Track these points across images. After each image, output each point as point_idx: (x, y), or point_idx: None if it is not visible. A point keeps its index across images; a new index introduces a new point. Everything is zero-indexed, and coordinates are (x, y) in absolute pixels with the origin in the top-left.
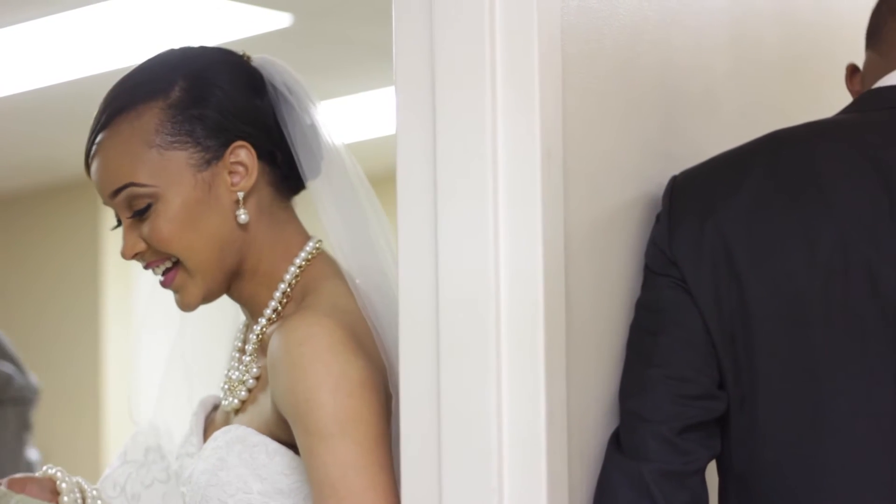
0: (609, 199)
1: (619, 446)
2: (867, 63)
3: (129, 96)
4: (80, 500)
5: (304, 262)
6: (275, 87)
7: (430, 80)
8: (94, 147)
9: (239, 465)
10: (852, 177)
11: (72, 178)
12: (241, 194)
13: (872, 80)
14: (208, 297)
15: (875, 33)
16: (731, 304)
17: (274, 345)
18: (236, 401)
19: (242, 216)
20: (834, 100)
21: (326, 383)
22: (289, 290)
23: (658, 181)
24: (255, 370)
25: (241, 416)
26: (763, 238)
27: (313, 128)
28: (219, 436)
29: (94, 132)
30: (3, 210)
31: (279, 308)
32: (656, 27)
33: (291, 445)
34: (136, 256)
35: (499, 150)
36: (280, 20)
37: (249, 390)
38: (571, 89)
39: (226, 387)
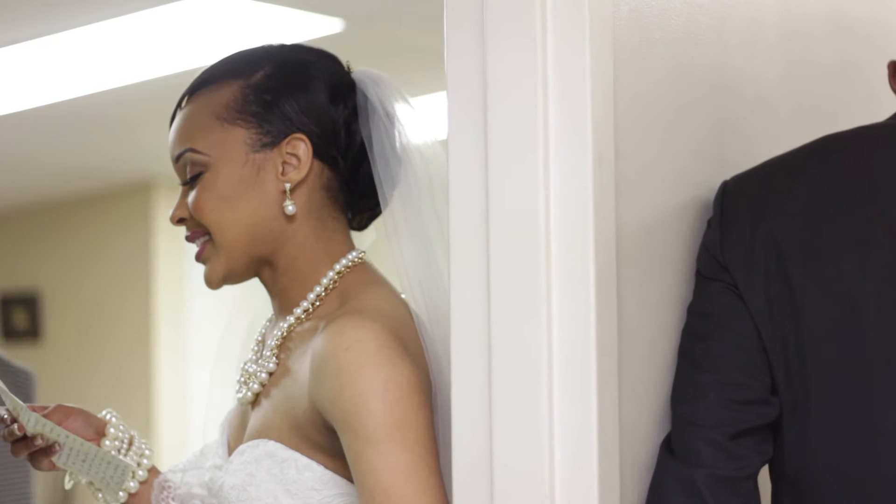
0: (660, 203)
1: (671, 451)
2: None
3: (218, 71)
4: (124, 448)
5: (343, 269)
6: (366, 101)
7: (482, 85)
8: (175, 112)
9: (269, 480)
10: None
11: (124, 184)
12: (288, 186)
13: None
14: (229, 277)
15: None
16: (783, 309)
17: (319, 349)
18: (250, 393)
19: (290, 207)
20: (886, 99)
21: (374, 388)
22: (324, 293)
23: (709, 186)
24: (270, 365)
25: (261, 420)
26: (815, 243)
27: (397, 148)
28: (246, 450)
29: (180, 100)
30: (53, 215)
31: (310, 309)
32: (708, 32)
33: (321, 448)
34: (180, 223)
35: (550, 155)
36: (331, 25)
37: (262, 384)
38: (623, 94)
39: (242, 378)
